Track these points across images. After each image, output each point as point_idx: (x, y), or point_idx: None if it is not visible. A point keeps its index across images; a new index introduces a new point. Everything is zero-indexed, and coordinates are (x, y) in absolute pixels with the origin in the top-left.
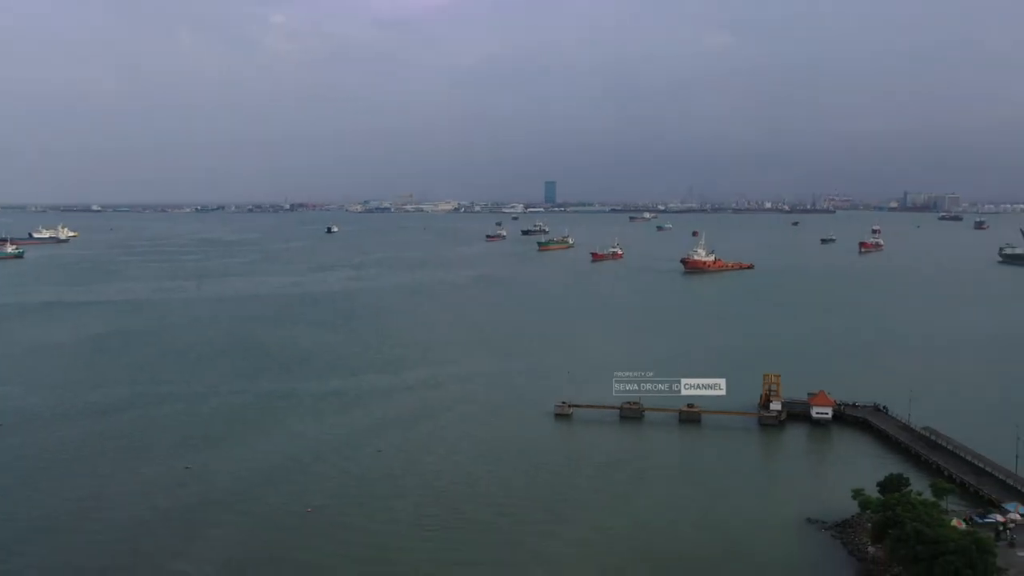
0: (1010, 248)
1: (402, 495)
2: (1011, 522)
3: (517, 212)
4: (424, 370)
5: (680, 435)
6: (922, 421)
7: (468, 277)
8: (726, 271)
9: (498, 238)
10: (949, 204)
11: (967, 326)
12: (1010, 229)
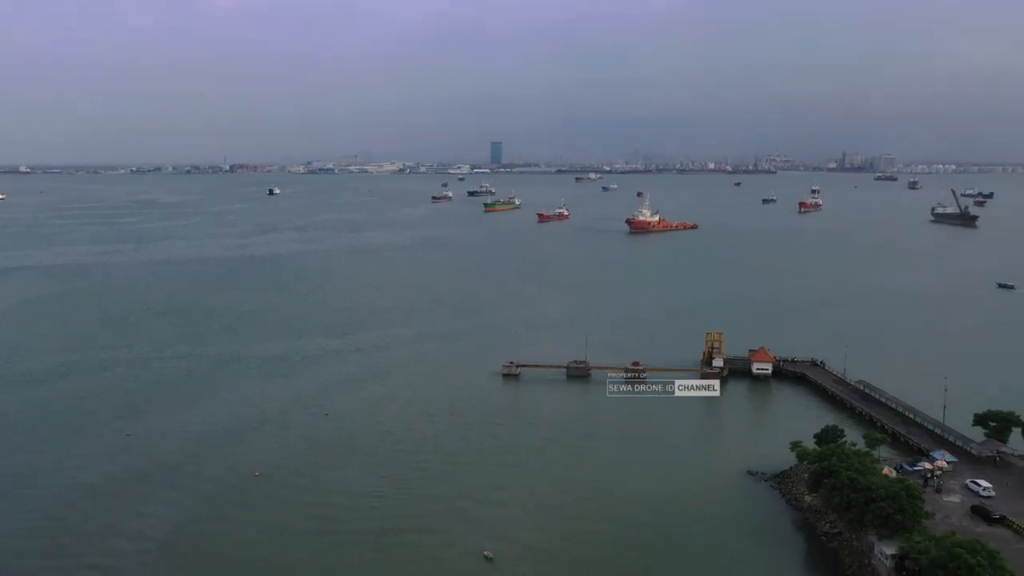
0: (941, 208)
1: (352, 457)
2: (938, 469)
3: (463, 173)
4: (372, 332)
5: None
6: (857, 375)
7: (415, 238)
8: (670, 231)
9: (444, 199)
10: (885, 165)
11: (900, 283)
12: (942, 189)
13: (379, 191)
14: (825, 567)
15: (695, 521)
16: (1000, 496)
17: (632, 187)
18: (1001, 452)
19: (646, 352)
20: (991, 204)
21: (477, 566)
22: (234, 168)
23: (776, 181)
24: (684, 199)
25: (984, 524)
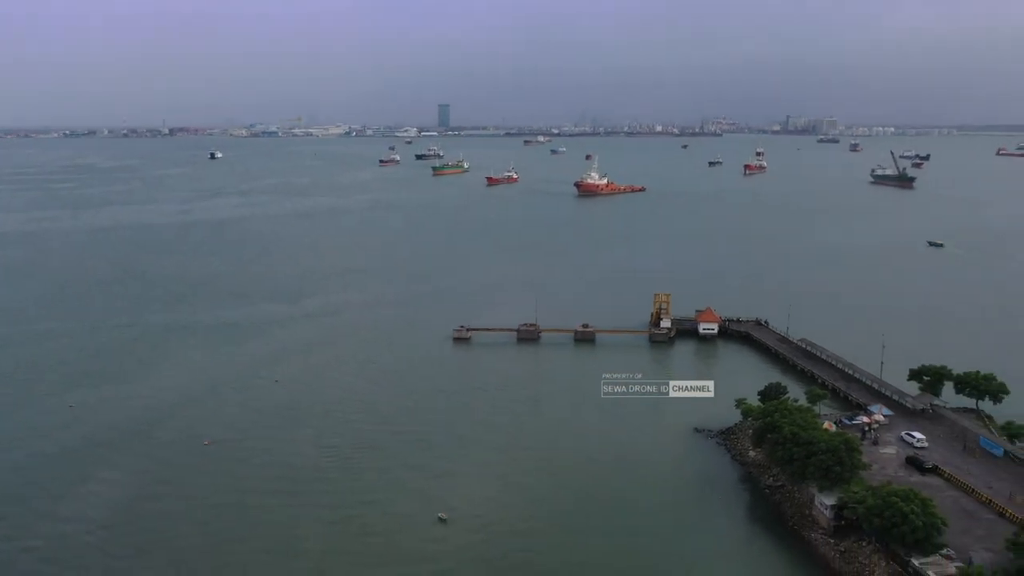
0: (880, 169)
1: (303, 424)
2: (875, 423)
3: (411, 136)
4: (322, 297)
5: (575, 355)
6: (799, 333)
7: (362, 203)
8: (619, 194)
9: (392, 163)
10: (827, 127)
11: (841, 243)
12: (882, 151)
13: (325, 154)
14: (769, 518)
15: (644, 478)
16: (932, 447)
17: (581, 150)
18: (934, 405)
19: (595, 314)
20: (928, 166)
21: (432, 527)
22: (173, 131)
23: (722, 144)
24: (632, 162)
25: (917, 474)
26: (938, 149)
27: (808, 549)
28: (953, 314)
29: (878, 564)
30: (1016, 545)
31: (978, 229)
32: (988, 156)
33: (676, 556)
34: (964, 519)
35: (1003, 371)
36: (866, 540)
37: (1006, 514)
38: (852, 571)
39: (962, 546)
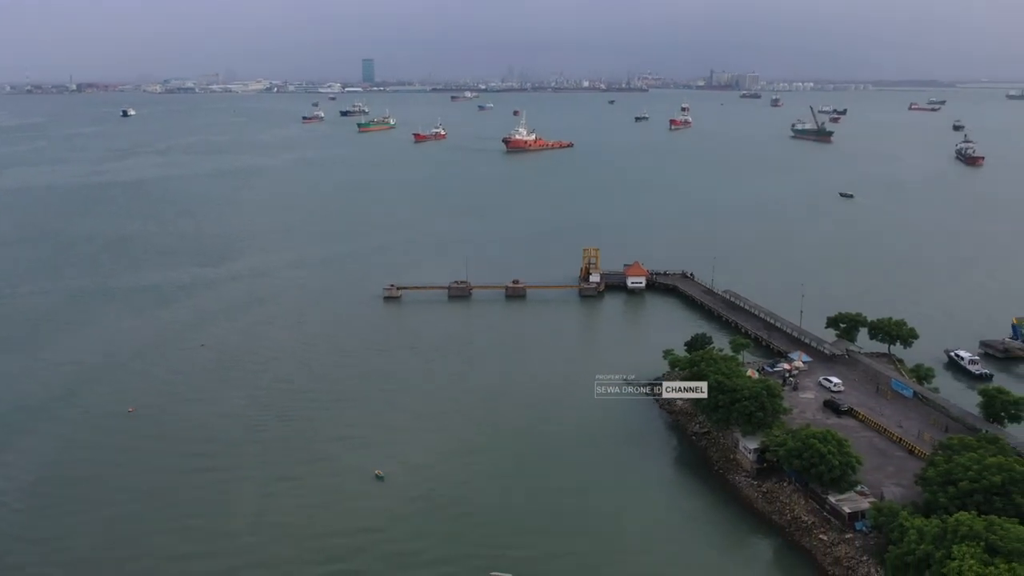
0: (800, 124)
1: (232, 388)
2: (795, 369)
3: (334, 92)
4: (248, 258)
5: (507, 311)
6: (723, 285)
7: (287, 161)
8: (547, 150)
9: (315, 120)
10: (749, 83)
11: (762, 196)
12: (801, 106)
13: (245, 111)
14: (696, 464)
15: (576, 429)
16: (848, 390)
17: (508, 106)
18: (849, 350)
19: (526, 270)
20: (845, 120)
21: (369, 486)
22: (82, 87)
23: (648, 99)
24: (560, 118)
25: (834, 416)
26: (855, 104)
27: (733, 491)
28: (865, 263)
29: (797, 503)
30: (924, 480)
31: (887, 181)
32: (901, 111)
33: (608, 502)
34: (877, 457)
35: (912, 316)
36: (787, 480)
37: (915, 451)
38: (774, 510)
39: (875, 482)
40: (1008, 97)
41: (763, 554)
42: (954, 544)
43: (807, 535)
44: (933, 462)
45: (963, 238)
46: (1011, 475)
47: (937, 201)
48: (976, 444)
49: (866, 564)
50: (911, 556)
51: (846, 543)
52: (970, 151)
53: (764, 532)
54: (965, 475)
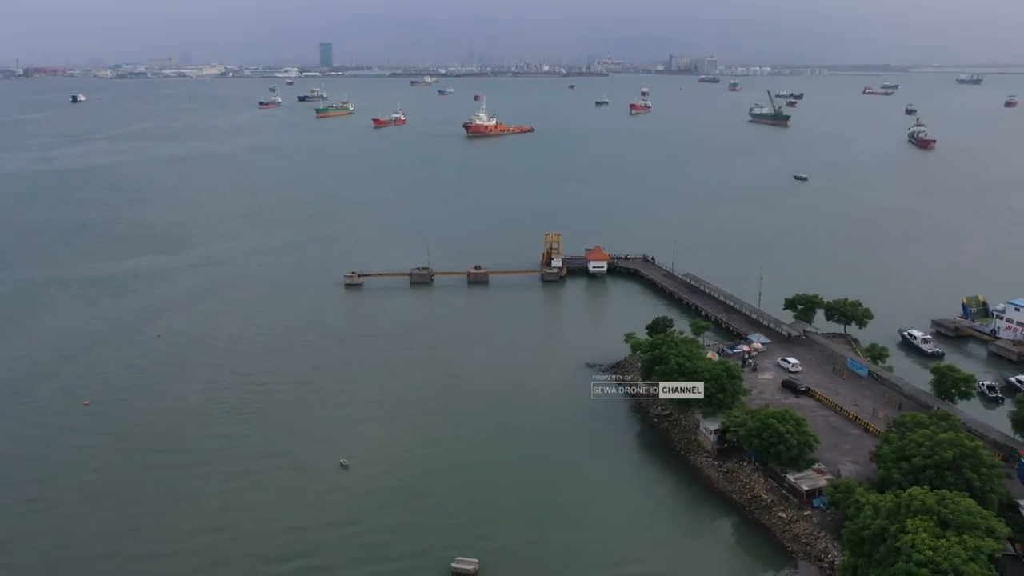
0: (758, 108)
1: (190, 380)
2: (754, 351)
3: (292, 77)
4: (206, 246)
5: (469, 296)
6: (684, 268)
7: (244, 147)
8: (508, 135)
9: (272, 105)
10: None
11: (721, 179)
12: (759, 90)
13: (200, 97)
14: (658, 445)
15: (540, 413)
16: (806, 370)
17: (468, 90)
18: (807, 331)
19: (487, 256)
20: (801, 104)
21: (334, 476)
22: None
23: (608, 83)
24: (520, 102)
25: (792, 396)
26: (811, 88)
27: (694, 472)
28: (821, 244)
29: (757, 481)
30: (878, 457)
31: (841, 163)
32: (856, 95)
33: (571, 486)
34: (834, 435)
35: (867, 297)
36: (747, 460)
37: (870, 429)
38: (734, 489)
39: (832, 460)
40: (958, 81)
41: (724, 532)
42: (907, 518)
43: (767, 513)
44: (887, 439)
45: (915, 220)
46: (961, 450)
47: (890, 183)
48: (928, 421)
49: (823, 540)
50: (867, 531)
51: (804, 520)
52: (922, 134)
53: (725, 511)
54: (918, 451)
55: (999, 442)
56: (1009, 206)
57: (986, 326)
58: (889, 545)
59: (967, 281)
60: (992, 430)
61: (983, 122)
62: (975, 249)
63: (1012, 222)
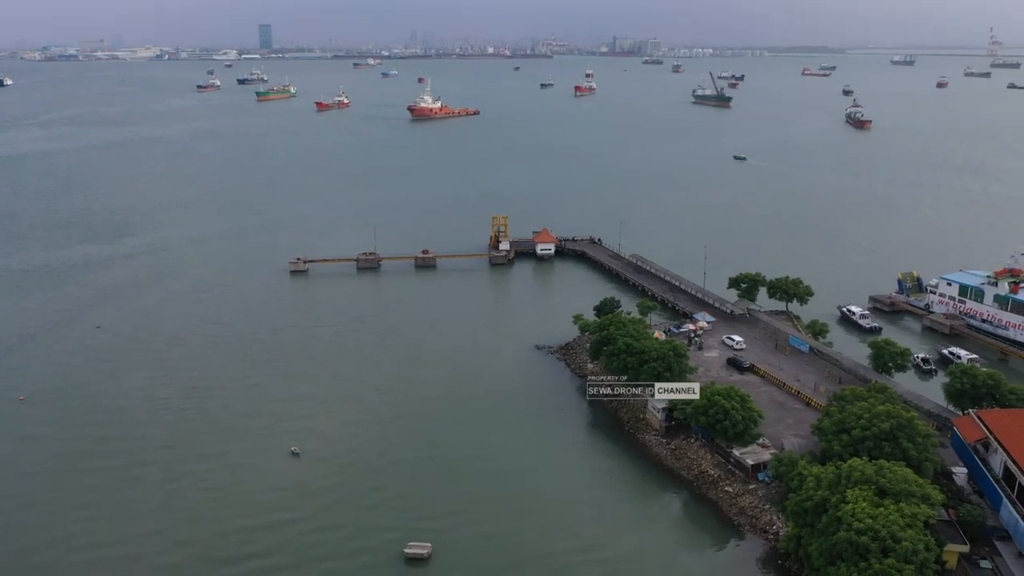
0: (701, 90)
1: (132, 372)
2: (700, 329)
3: (230, 59)
4: (146, 235)
5: (417, 281)
6: (630, 249)
7: (183, 132)
8: (453, 117)
9: (211, 88)
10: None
11: (665, 160)
12: (702, 72)
13: (136, 80)
14: (607, 425)
15: (489, 397)
16: (750, 347)
17: (412, 73)
18: (750, 309)
19: (435, 240)
20: (743, 86)
21: (285, 465)
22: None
23: (553, 65)
24: (465, 85)
25: (737, 373)
26: (752, 70)
27: (643, 449)
28: (762, 223)
29: (704, 457)
30: (820, 430)
31: (782, 143)
32: (795, 76)
33: (523, 467)
34: (777, 410)
35: (807, 275)
36: (694, 437)
37: (811, 403)
38: (682, 466)
39: (776, 434)
40: (892, 63)
41: (672, 508)
42: (848, 488)
43: (713, 488)
44: (828, 412)
45: (852, 198)
46: (898, 421)
47: (828, 163)
48: (866, 394)
49: (768, 512)
50: (809, 502)
51: (750, 493)
52: (859, 115)
53: (673, 487)
54: (857, 423)
55: (933, 412)
56: (936, 184)
57: (920, 301)
58: (831, 515)
59: (902, 257)
60: (926, 401)
61: (916, 103)
62: (909, 226)
63: (934, 199)
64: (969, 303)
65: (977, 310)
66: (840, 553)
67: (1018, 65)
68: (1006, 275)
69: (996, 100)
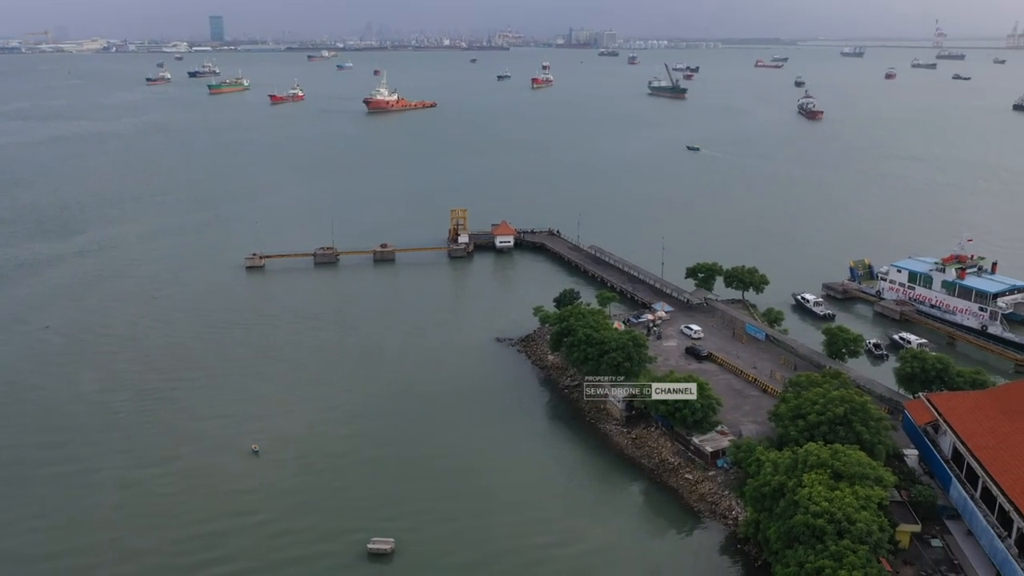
0: (656, 81)
1: (83, 374)
2: (658, 319)
3: (181, 52)
4: (97, 231)
5: (376, 275)
6: (589, 241)
7: (133, 126)
8: (410, 110)
9: (162, 81)
10: (607, 41)
11: (623, 151)
12: (657, 64)
13: (82, 73)
14: (568, 416)
15: (451, 390)
16: (707, 336)
17: (368, 65)
18: (708, 298)
19: (393, 234)
20: (697, 77)
21: (245, 463)
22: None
23: (509, 57)
24: (422, 77)
25: (695, 361)
26: (706, 61)
27: (604, 439)
28: (719, 213)
29: (664, 446)
30: (776, 416)
31: (736, 134)
32: (748, 68)
33: (486, 459)
34: (735, 398)
35: (762, 264)
36: (654, 425)
37: (768, 390)
38: (643, 454)
39: (734, 421)
40: (842, 54)
41: (634, 496)
42: (804, 473)
43: (674, 475)
44: (784, 399)
45: (805, 187)
46: (852, 406)
47: (782, 153)
48: (821, 380)
49: (727, 498)
50: (767, 487)
51: (709, 480)
52: (810, 105)
53: (634, 475)
54: (812, 409)
55: (885, 396)
56: (886, 173)
57: (871, 288)
58: (788, 499)
59: (854, 245)
60: (878, 385)
61: (866, 93)
62: (861, 214)
63: (884, 188)
64: (918, 289)
65: (926, 296)
66: (797, 536)
67: (962, 57)
68: (953, 261)
69: (942, 91)
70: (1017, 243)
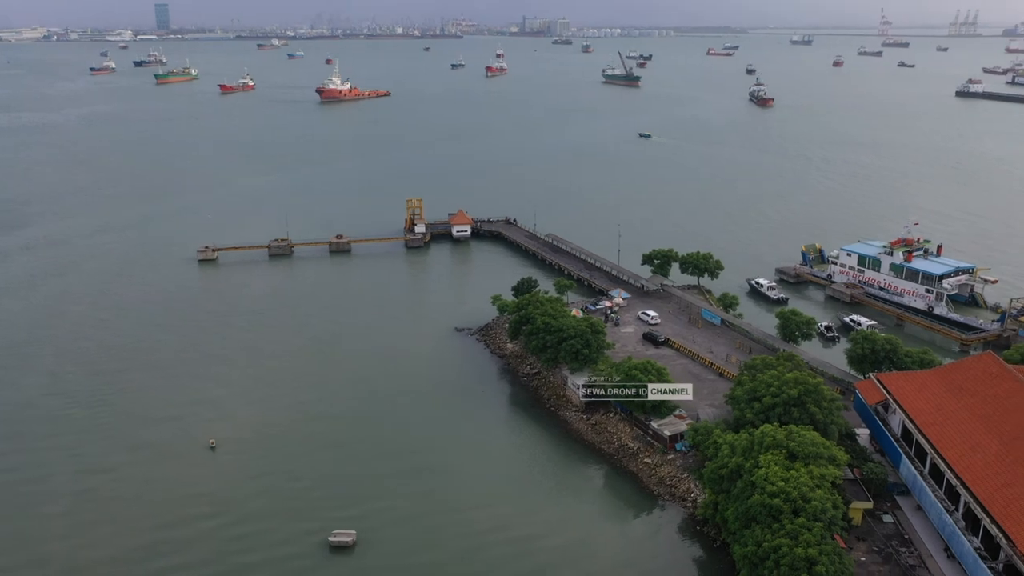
0: (610, 70)
1: (29, 374)
2: (616, 306)
3: (125, 41)
4: (42, 225)
5: (332, 267)
6: (546, 229)
7: (77, 117)
8: (363, 99)
9: (106, 71)
10: (561, 29)
11: (578, 140)
12: (610, 52)
13: (22, 62)
14: (528, 403)
15: (410, 381)
16: (664, 322)
17: (320, 54)
18: (664, 285)
19: (349, 224)
20: (651, 65)
21: (202, 459)
22: None
23: (463, 45)
24: (375, 66)
25: (653, 347)
26: (659, 49)
27: (564, 426)
28: (673, 199)
29: (624, 431)
30: (732, 399)
31: (689, 121)
32: (700, 56)
33: (447, 448)
34: (692, 382)
35: (717, 249)
36: (613, 411)
37: (724, 373)
38: (603, 440)
39: (691, 405)
40: (791, 43)
41: (594, 481)
42: (760, 454)
43: (633, 459)
44: (740, 382)
45: (757, 173)
46: (805, 387)
47: (734, 140)
48: (775, 362)
49: (686, 480)
50: (724, 469)
51: (668, 463)
52: (761, 93)
53: (595, 460)
54: (767, 391)
55: (837, 377)
56: (835, 159)
57: (823, 271)
58: (745, 480)
59: (805, 229)
60: (831, 367)
61: (814, 81)
62: (811, 200)
63: (833, 173)
64: (867, 272)
65: (875, 279)
66: (754, 516)
67: (907, 44)
68: (900, 245)
69: (887, 78)
70: (961, 225)
